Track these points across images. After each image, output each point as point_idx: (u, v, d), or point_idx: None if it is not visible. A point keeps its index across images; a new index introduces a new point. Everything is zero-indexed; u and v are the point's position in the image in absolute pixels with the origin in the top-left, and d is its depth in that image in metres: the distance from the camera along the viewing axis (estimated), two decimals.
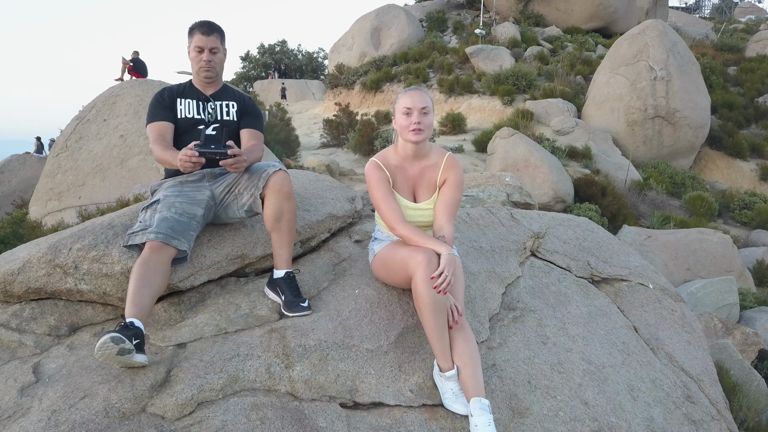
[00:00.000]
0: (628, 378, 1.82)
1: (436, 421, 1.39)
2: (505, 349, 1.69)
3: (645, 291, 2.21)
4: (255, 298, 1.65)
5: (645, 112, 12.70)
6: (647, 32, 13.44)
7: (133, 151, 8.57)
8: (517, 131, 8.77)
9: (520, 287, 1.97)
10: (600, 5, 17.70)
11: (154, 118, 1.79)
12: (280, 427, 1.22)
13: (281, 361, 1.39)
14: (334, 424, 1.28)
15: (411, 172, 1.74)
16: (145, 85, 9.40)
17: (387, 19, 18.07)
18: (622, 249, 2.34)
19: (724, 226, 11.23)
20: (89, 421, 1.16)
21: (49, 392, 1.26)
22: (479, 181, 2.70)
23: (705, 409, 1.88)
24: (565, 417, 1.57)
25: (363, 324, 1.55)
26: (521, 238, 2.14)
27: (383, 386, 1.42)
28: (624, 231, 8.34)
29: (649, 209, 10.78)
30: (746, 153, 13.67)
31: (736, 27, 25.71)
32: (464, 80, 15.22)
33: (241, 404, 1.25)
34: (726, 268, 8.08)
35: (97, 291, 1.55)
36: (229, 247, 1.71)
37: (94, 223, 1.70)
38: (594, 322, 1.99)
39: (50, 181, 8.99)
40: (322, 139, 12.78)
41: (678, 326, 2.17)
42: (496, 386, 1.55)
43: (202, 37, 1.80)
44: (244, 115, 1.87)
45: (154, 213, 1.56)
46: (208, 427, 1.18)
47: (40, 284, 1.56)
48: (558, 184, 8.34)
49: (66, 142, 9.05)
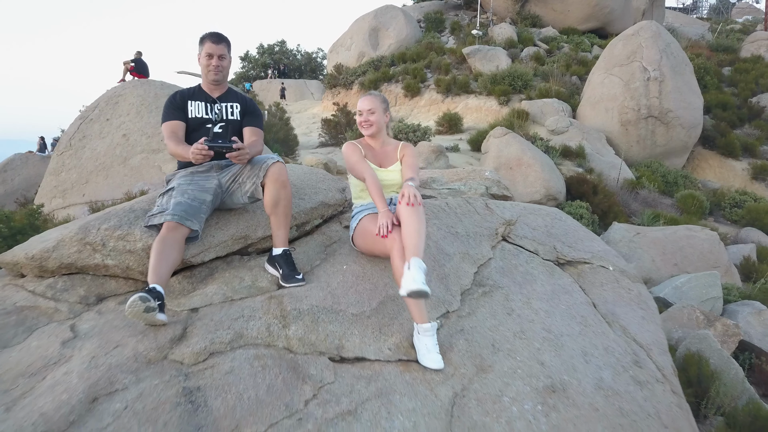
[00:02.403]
0: (583, 345, 2.09)
1: (409, 373, 1.65)
2: (473, 318, 1.96)
3: (605, 272, 2.48)
4: (256, 272, 1.92)
5: (638, 112, 12.96)
6: (641, 33, 13.70)
7: (135, 149, 8.82)
8: (510, 131, 9.03)
9: (491, 267, 2.24)
10: (596, 6, 17.96)
11: (168, 118, 2.07)
12: (278, 372, 1.49)
13: (279, 321, 1.66)
14: (323, 373, 1.54)
15: (376, 152, 2.20)
16: (147, 86, 9.66)
17: (385, 20, 18.34)
18: (587, 236, 2.61)
19: (715, 224, 11.49)
20: (122, 364, 1.43)
21: (87, 344, 1.53)
22: (461, 176, 2.97)
23: (651, 373, 2.14)
24: (522, 374, 1.84)
25: (349, 293, 1.82)
26: (494, 224, 2.41)
27: (365, 344, 1.68)
28: (614, 228, 8.59)
29: (641, 207, 11.03)
30: (738, 152, 13.91)
31: (732, 27, 25.97)
32: (461, 80, 15.45)
33: (245, 354, 1.52)
34: (713, 264, 8.31)
35: (121, 265, 1.82)
36: (234, 229, 1.98)
37: (117, 208, 1.98)
38: (556, 299, 2.26)
39: (54, 179, 9.24)
40: (320, 139, 13.02)
41: (634, 303, 2.44)
42: (462, 347, 1.81)
43: (212, 45, 2.07)
44: (246, 114, 2.14)
45: (170, 198, 1.83)
46: (219, 371, 1.45)
47: (72, 260, 1.83)
48: (550, 182, 8.60)
49: (70, 141, 9.30)
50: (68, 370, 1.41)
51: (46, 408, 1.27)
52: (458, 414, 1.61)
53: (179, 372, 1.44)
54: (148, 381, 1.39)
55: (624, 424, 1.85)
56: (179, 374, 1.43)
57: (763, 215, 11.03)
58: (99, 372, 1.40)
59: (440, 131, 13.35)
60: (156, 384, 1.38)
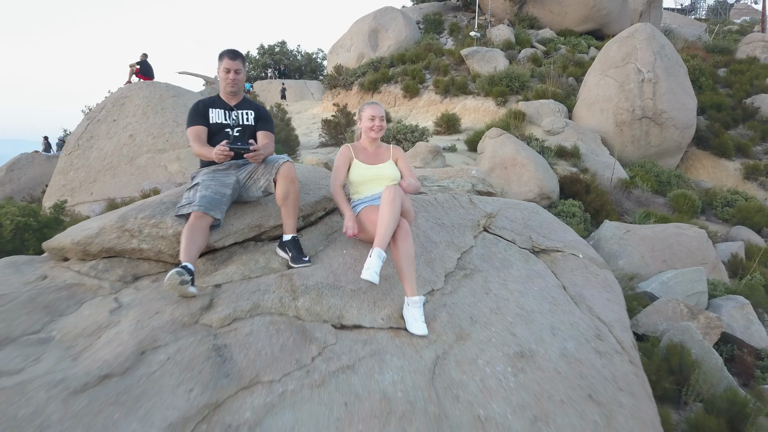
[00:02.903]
0: (551, 321, 2.42)
1: (398, 338, 1.99)
2: (455, 296, 2.29)
3: (575, 260, 2.81)
4: (269, 255, 2.25)
5: (633, 113, 13.28)
6: (636, 35, 14.02)
7: (141, 149, 9.16)
8: (505, 132, 9.35)
9: (473, 254, 2.57)
10: (593, 8, 18.26)
11: (192, 123, 2.40)
12: (289, 335, 1.82)
13: (289, 295, 1.99)
14: (326, 336, 1.87)
15: (369, 153, 2.57)
16: (152, 87, 9.98)
17: (385, 21, 18.68)
18: (561, 227, 2.95)
19: (707, 223, 11.82)
20: (162, 326, 1.75)
21: (131, 312, 1.85)
22: (450, 174, 3.29)
23: (612, 346, 2.48)
24: (496, 342, 2.18)
25: (348, 273, 2.15)
26: (476, 217, 2.74)
27: (362, 315, 2.01)
28: (605, 225, 8.91)
29: (635, 206, 11.33)
30: (731, 153, 14.23)
31: (730, 28, 26.27)
32: (459, 81, 15.75)
33: (262, 321, 1.85)
34: (700, 261, 8.63)
35: (154, 249, 2.15)
36: (250, 219, 2.32)
37: (149, 200, 2.31)
38: (530, 282, 2.59)
39: (63, 178, 9.56)
40: (320, 139, 13.34)
41: (600, 287, 2.77)
42: (445, 319, 2.15)
43: (229, 61, 2.40)
44: (259, 120, 2.47)
45: (196, 192, 2.16)
46: (241, 333, 1.78)
47: (112, 245, 2.15)
48: (543, 182, 8.92)
49: (78, 141, 9.62)
50: (119, 330, 1.74)
51: (106, 357, 1.59)
52: (439, 372, 1.95)
53: (209, 333, 1.77)
54: (184, 339, 1.72)
55: (583, 385, 2.19)
56: (209, 335, 1.76)
57: (753, 214, 11.35)
58: (144, 332, 1.73)
59: (438, 132, 13.65)
60: (191, 341, 1.71)
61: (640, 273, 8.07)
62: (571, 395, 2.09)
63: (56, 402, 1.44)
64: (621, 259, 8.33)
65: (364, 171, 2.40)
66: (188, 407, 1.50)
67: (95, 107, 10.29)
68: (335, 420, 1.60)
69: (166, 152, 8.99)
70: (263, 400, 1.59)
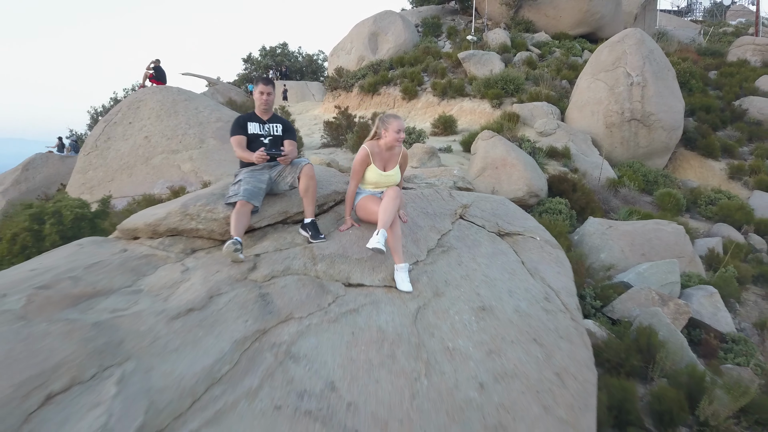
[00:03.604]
0: (509, 286, 3.19)
1: (390, 294, 2.75)
2: (434, 266, 3.06)
3: (533, 241, 3.58)
4: (294, 234, 3.02)
5: (622, 115, 14.03)
6: (626, 40, 14.78)
7: (156, 150, 9.92)
8: (496, 134, 10.10)
9: (450, 236, 3.34)
10: (587, 12, 19.03)
11: (235, 133, 3.16)
12: (311, 288, 2.57)
13: (311, 261, 2.74)
14: (338, 290, 2.63)
15: (384, 157, 3.25)
16: (165, 92, 10.76)
17: (384, 25, 19.46)
18: (522, 215, 3.71)
19: (690, 220, 12.58)
20: (222, 281, 2.51)
21: (197, 272, 2.61)
22: (436, 173, 4.03)
23: (557, 306, 3.24)
24: (464, 299, 2.94)
25: (353, 246, 2.91)
26: (454, 207, 3.50)
27: (364, 276, 2.77)
28: (589, 222, 9.67)
29: (622, 204, 12.09)
30: (718, 153, 14.98)
31: (725, 30, 27.01)
32: (456, 84, 16.47)
33: (292, 278, 2.60)
34: (677, 254, 9.39)
35: (207, 229, 2.91)
36: (279, 206, 3.08)
37: (201, 192, 3.07)
38: (495, 257, 3.36)
39: (82, 177, 10.33)
40: (322, 140, 14.07)
41: (552, 263, 3.54)
42: (425, 281, 2.91)
43: (263, 86, 3.17)
44: (285, 131, 3.24)
45: (240, 186, 2.92)
46: (277, 286, 2.53)
47: (175, 225, 2.91)
48: (532, 181, 9.68)
49: (95, 142, 10.39)
50: (192, 283, 2.49)
51: (188, 298, 2.35)
52: (420, 317, 2.71)
53: (255, 285, 2.53)
54: (238, 289, 2.48)
55: (530, 331, 2.95)
56: (255, 286, 2.52)
57: (733, 212, 12.10)
58: (210, 284, 2.48)
59: (436, 133, 14.37)
60: (243, 290, 2.47)
61: (620, 265, 8.85)
62: (520, 338, 2.86)
63: (161, 323, 2.18)
64: (603, 252, 9.12)
65: (378, 176, 3.14)
66: (246, 331, 2.26)
67: (111, 110, 11.04)
68: (345, 343, 2.37)
69: (179, 153, 9.75)
70: (295, 329, 2.35)
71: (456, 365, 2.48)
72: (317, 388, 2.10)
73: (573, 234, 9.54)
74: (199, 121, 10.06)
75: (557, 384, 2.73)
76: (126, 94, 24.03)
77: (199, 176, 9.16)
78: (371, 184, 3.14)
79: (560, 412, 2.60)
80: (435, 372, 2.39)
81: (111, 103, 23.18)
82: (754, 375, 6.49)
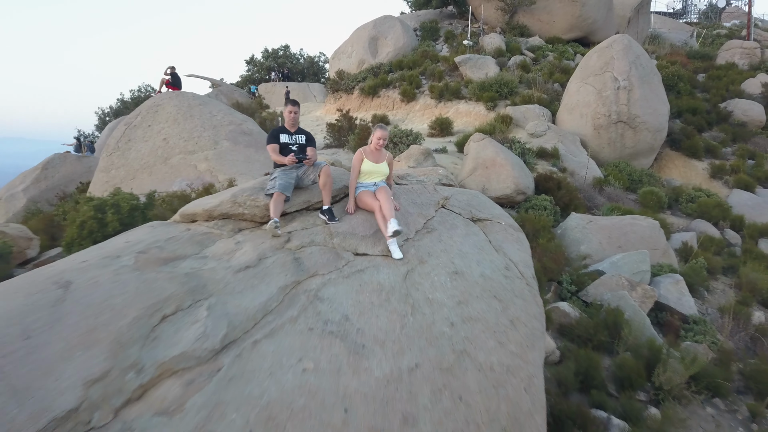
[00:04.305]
0: (478, 258, 4.26)
1: (387, 260, 3.82)
2: (420, 242, 4.14)
3: (499, 226, 4.66)
4: (315, 218, 4.09)
5: (609, 117, 15.12)
6: (614, 46, 15.87)
7: (174, 151, 11.01)
8: (487, 136, 11.19)
9: (433, 220, 4.42)
10: (579, 17, 20.10)
11: (271, 141, 4.24)
12: (330, 255, 3.65)
13: (329, 236, 3.82)
14: (349, 257, 3.70)
15: (374, 155, 4.34)
16: (181, 97, 11.85)
17: (384, 29, 20.56)
18: (492, 206, 4.79)
19: (672, 217, 13.66)
20: (267, 249, 3.58)
21: (247, 243, 3.68)
22: (425, 172, 5.07)
23: (515, 273, 4.32)
24: (442, 265, 4.02)
25: (360, 226, 3.99)
26: (437, 198, 4.58)
27: (368, 248, 3.85)
28: (571, 217, 10.75)
29: (606, 201, 13.17)
30: (701, 153, 16.05)
31: (719, 32, 28.06)
32: (453, 87, 17.53)
33: (316, 248, 3.68)
34: (652, 247, 10.48)
35: (250, 214, 3.98)
36: (304, 197, 4.16)
37: (246, 185, 4.16)
38: (468, 237, 4.44)
39: (105, 175, 11.41)
40: (325, 140, 15.16)
41: (514, 242, 4.62)
42: (413, 253, 3.98)
43: (291, 107, 4.26)
44: (308, 141, 4.33)
45: (275, 181, 4.00)
46: (305, 252, 3.61)
47: (226, 211, 3.99)
48: (519, 179, 10.77)
49: (117, 144, 11.48)
50: (245, 250, 3.57)
51: (244, 259, 3.43)
52: (408, 277, 3.79)
53: (291, 252, 3.61)
54: (279, 254, 3.56)
55: (491, 290, 4.02)
56: (291, 253, 3.60)
57: (711, 209, 13.17)
58: (259, 250, 3.56)
59: (432, 134, 15.44)
60: (282, 255, 3.55)
61: (597, 256, 9.95)
62: (483, 294, 3.94)
63: (229, 275, 3.25)
64: (582, 244, 10.24)
65: (370, 166, 4.24)
66: (286, 281, 3.33)
67: (131, 114, 12.12)
68: (355, 291, 3.44)
69: (195, 153, 10.84)
70: (320, 281, 3.43)
71: (434, 310, 3.56)
72: (336, 318, 3.19)
73: (557, 228, 10.62)
74: (213, 125, 11.14)
75: (510, 328, 3.82)
76: (132, 95, 25.13)
77: (214, 175, 10.25)
78: (366, 173, 4.25)
79: (511, 347, 3.68)
80: (418, 313, 3.48)
81: (118, 104, 24.24)
82: (708, 350, 7.66)
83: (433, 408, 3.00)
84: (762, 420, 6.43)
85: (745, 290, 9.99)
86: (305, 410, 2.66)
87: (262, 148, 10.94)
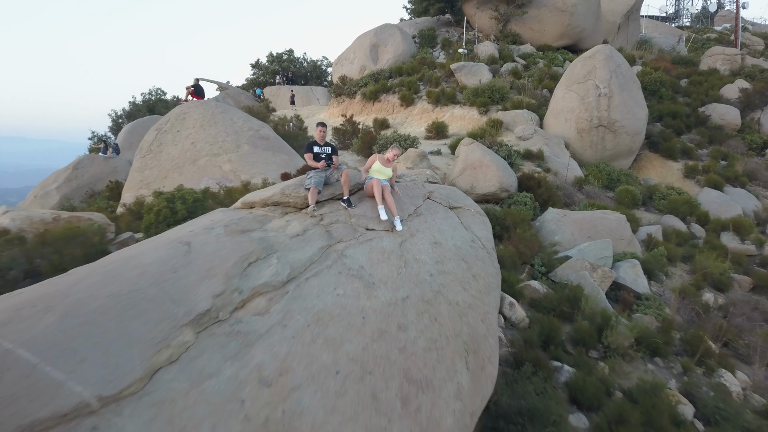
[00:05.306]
0: (452, 234, 6.26)
1: (389, 234, 5.79)
2: (412, 222, 6.12)
3: (469, 212, 6.65)
4: (338, 205, 6.08)
5: (591, 122, 17.11)
6: (596, 56, 17.86)
7: (201, 153, 13.00)
8: (475, 140, 13.16)
9: (422, 207, 6.41)
10: (569, 26, 22.09)
11: (308, 151, 6.22)
12: (350, 229, 5.62)
13: (348, 217, 5.80)
14: (363, 231, 5.67)
15: (383, 161, 6.31)
16: (206, 105, 13.84)
17: (384, 37, 22.56)
18: (465, 198, 6.78)
19: (645, 212, 15.64)
20: (308, 224, 5.55)
21: (294, 222, 5.64)
22: (417, 173, 6.95)
23: (478, 245, 6.33)
24: (426, 238, 6.01)
25: (370, 212, 5.97)
26: (425, 192, 6.58)
27: (375, 225, 5.83)
28: (548, 211, 12.71)
29: (585, 199, 15.11)
30: (677, 155, 18.03)
31: (709, 37, 30.04)
32: (449, 92, 19.49)
33: (341, 225, 5.65)
34: (618, 237, 12.46)
35: (294, 202, 5.96)
36: (331, 190, 6.16)
37: (290, 181, 6.16)
38: (446, 219, 6.44)
39: (140, 175, 13.40)
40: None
41: (480, 223, 6.63)
42: (406, 229, 5.96)
43: (321, 127, 6.25)
44: (333, 151, 6.31)
45: (311, 179, 5.95)
46: (335, 227, 5.58)
47: (277, 200, 5.97)
48: (503, 179, 12.76)
49: (150, 147, 13.46)
50: (293, 226, 5.55)
51: (294, 231, 5.41)
52: (402, 244, 5.78)
53: (324, 227, 5.60)
54: (316, 228, 5.55)
55: (460, 255, 6.02)
56: (324, 227, 5.59)
57: (680, 205, 15.14)
58: (303, 225, 5.54)
59: (429, 137, 17.40)
60: (319, 228, 5.54)
61: (568, 245, 11.93)
62: (454, 257, 5.93)
63: (287, 239, 5.23)
64: (557, 235, 12.26)
65: (379, 167, 6.18)
66: (322, 244, 5.32)
67: (160, 121, 14.09)
68: (367, 252, 5.43)
69: (220, 156, 12.83)
70: (344, 246, 5.42)
71: (419, 265, 5.55)
72: (356, 267, 5.17)
73: (535, 221, 12.60)
74: (235, 130, 13.14)
75: (472, 280, 5.81)
76: (144, 98, 27.09)
77: (237, 175, 12.23)
78: (375, 171, 6.21)
79: (473, 292, 5.67)
80: (409, 267, 5.46)
81: (130, 107, 26.21)
82: (654, 320, 9.72)
83: (417, 322, 4.97)
84: (692, 374, 8.50)
85: (698, 275, 12.03)
86: (339, 316, 4.64)
87: (278, 152, 12.95)
